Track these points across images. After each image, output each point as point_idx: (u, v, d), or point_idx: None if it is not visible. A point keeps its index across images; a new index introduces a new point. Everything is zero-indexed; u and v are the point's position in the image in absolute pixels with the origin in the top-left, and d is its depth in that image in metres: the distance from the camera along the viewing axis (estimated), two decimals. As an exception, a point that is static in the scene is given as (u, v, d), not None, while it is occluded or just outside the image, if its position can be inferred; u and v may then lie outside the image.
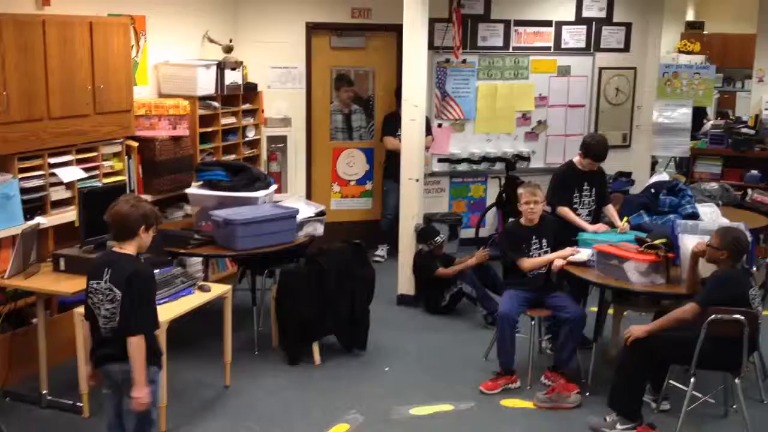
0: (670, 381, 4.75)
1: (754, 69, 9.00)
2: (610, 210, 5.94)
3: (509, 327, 5.10)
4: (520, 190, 5.43)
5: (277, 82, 7.74)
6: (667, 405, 4.83)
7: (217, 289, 4.95)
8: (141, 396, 3.47)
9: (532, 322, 5.33)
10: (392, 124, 7.65)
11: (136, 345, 3.44)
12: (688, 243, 4.77)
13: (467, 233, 8.31)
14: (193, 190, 6.00)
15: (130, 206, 3.54)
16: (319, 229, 6.00)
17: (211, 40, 7.01)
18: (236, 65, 6.90)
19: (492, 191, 8.48)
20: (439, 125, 8.21)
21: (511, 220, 5.65)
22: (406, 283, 6.77)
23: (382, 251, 7.99)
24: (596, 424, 4.65)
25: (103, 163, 5.60)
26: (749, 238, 4.62)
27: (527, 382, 5.21)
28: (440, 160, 8.29)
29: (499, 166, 8.35)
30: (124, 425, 3.62)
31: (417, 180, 6.69)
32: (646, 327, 4.50)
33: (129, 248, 3.57)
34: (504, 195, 8.12)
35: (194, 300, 4.72)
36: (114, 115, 5.60)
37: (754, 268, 5.51)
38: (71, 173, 5.28)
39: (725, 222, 5.50)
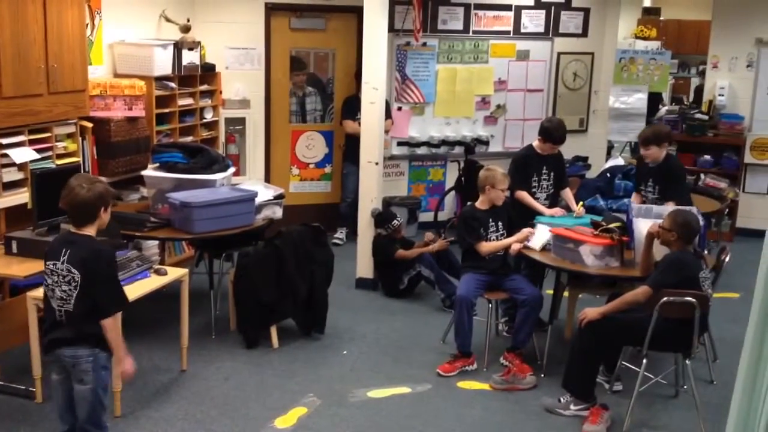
0: (623, 362, 4.85)
1: (709, 55, 9.14)
2: (568, 194, 6.01)
3: (467, 310, 5.15)
4: (494, 176, 5.33)
5: (235, 63, 7.66)
6: (619, 386, 4.93)
7: (174, 273, 4.91)
8: (128, 367, 3.55)
9: (490, 305, 5.38)
10: (352, 107, 7.63)
11: (112, 326, 3.44)
12: (642, 227, 4.85)
13: (426, 217, 8.35)
14: (150, 172, 5.91)
15: (86, 191, 3.44)
16: (277, 212, 5.98)
17: (168, 20, 6.90)
18: (194, 45, 6.81)
19: (451, 175, 8.52)
20: (399, 108, 8.21)
21: (468, 204, 5.67)
22: (364, 266, 6.79)
23: (341, 234, 7.99)
24: (551, 405, 4.73)
25: (57, 144, 5.49)
26: (701, 222, 4.71)
27: (484, 364, 5.26)
28: (399, 144, 8.29)
29: (458, 149, 8.39)
30: (76, 412, 3.56)
31: (376, 163, 6.69)
32: (600, 309, 4.58)
33: (89, 230, 3.50)
34: (463, 179, 8.16)
35: (150, 284, 4.67)
36: (68, 94, 5.49)
37: (706, 252, 5.63)
38: (24, 154, 5.17)
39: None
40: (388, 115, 7.56)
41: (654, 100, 9.92)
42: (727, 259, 5.23)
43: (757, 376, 3.26)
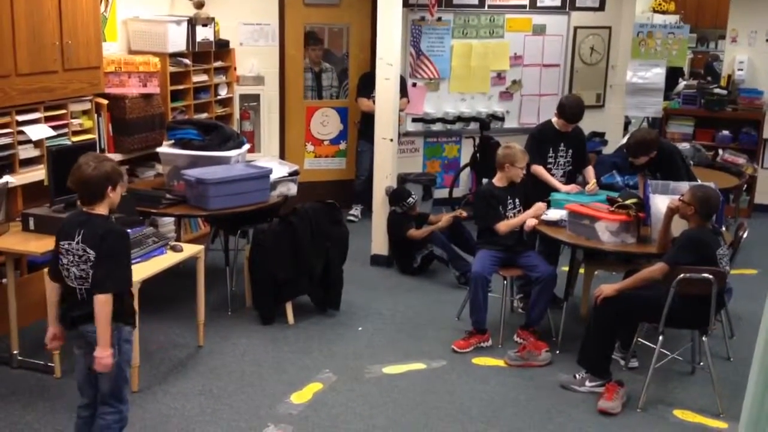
0: (639, 339, 4.84)
1: (728, 29, 9.01)
2: (589, 171, 5.94)
3: (482, 286, 5.14)
4: (514, 153, 5.30)
5: (249, 39, 7.62)
6: (635, 362, 4.93)
7: (190, 250, 4.92)
8: (104, 356, 3.40)
9: (505, 282, 5.37)
10: (367, 84, 7.60)
11: (103, 303, 3.37)
12: (659, 203, 4.81)
13: (441, 193, 8.32)
14: (165, 149, 5.92)
15: (92, 169, 3.43)
16: (292, 189, 5.98)
17: (182, -4, 6.89)
18: (208, 21, 6.78)
19: (466, 151, 8.48)
20: (414, 84, 8.16)
21: (485, 181, 5.64)
22: (379, 243, 6.79)
23: (356, 211, 7.98)
24: (566, 381, 4.73)
25: (72, 120, 5.51)
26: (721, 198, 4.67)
27: (499, 340, 5.27)
28: (414, 120, 8.25)
29: (473, 126, 8.33)
30: (99, 386, 3.59)
31: (391, 140, 6.66)
32: (616, 286, 4.56)
33: (100, 209, 3.50)
34: (478, 155, 8.12)
35: (166, 260, 4.68)
36: (83, 71, 5.49)
37: (724, 228, 5.59)
38: (40, 131, 5.19)
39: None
40: (404, 93, 7.52)
41: (674, 74, 9.81)
42: (744, 235, 5.18)
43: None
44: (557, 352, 5.14)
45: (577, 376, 4.70)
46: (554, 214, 5.27)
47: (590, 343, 4.65)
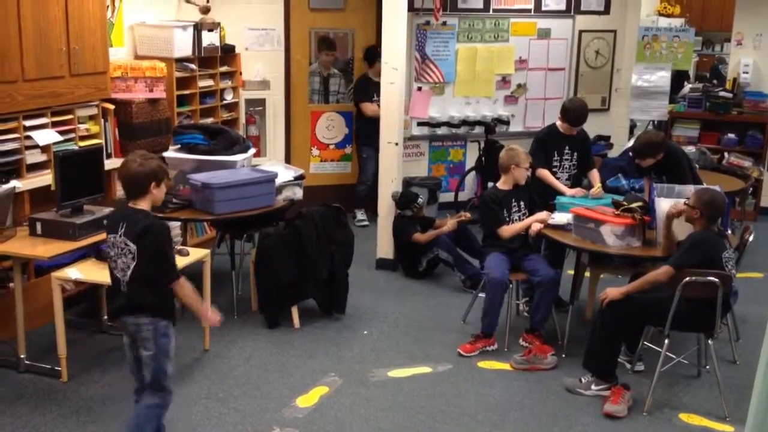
0: (645, 342, 4.83)
1: (733, 32, 9.01)
2: (594, 175, 5.95)
3: (501, 292, 5.13)
4: (518, 155, 5.32)
5: (255, 44, 7.65)
6: (641, 366, 4.92)
7: (196, 254, 4.95)
8: (210, 318, 3.86)
9: (510, 285, 5.37)
10: (366, 89, 7.62)
11: (179, 293, 3.64)
12: (664, 206, 4.81)
13: (447, 197, 8.33)
14: (171, 153, 5.94)
15: (137, 165, 3.60)
16: (298, 193, 5.99)
17: (188, 1, 6.91)
18: (213, 26, 6.81)
19: (471, 155, 8.49)
20: (419, 88, 8.18)
21: (490, 185, 5.65)
22: (385, 246, 6.79)
23: (362, 216, 7.98)
24: (571, 385, 4.73)
25: (79, 125, 5.54)
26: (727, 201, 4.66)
27: (504, 344, 5.27)
28: (420, 124, 8.26)
29: (478, 129, 8.34)
30: (143, 375, 3.73)
31: (396, 144, 6.67)
32: (622, 289, 4.56)
33: (143, 204, 3.64)
34: (483, 159, 8.12)
35: (172, 264, 4.70)
36: (89, 77, 5.52)
37: (729, 231, 5.59)
38: (47, 136, 5.22)
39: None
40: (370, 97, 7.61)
41: (679, 77, 9.80)
42: (750, 238, 5.18)
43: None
44: (563, 355, 5.14)
45: (583, 379, 4.70)
46: (561, 217, 5.27)
47: (596, 346, 4.65)
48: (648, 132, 6.21)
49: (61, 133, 5.32)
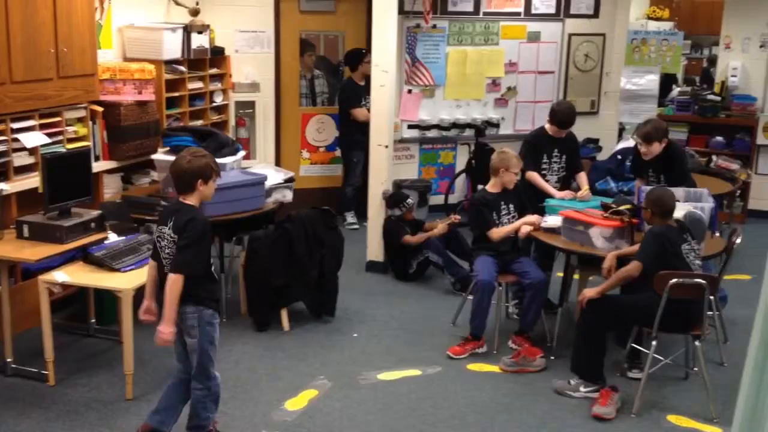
0: (632, 345, 4.83)
1: (722, 36, 9.05)
2: (582, 177, 5.96)
3: (489, 294, 5.14)
4: (509, 158, 5.33)
5: (245, 47, 7.65)
6: (638, 373, 4.83)
7: (185, 256, 4.92)
8: (165, 332, 3.70)
9: (500, 288, 5.38)
10: (354, 94, 7.62)
11: (172, 282, 3.67)
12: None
13: (437, 200, 8.34)
14: (160, 156, 5.93)
15: (186, 162, 3.74)
16: (288, 196, 5.99)
17: (177, 3, 6.89)
18: (203, 29, 6.79)
19: (461, 158, 8.50)
20: (409, 91, 8.19)
21: (479, 188, 5.66)
22: (375, 249, 6.79)
23: (352, 218, 7.97)
24: (560, 387, 4.74)
25: (67, 128, 5.51)
26: (711, 203, 4.68)
27: (494, 346, 5.27)
28: (410, 127, 8.27)
29: (468, 132, 8.36)
30: (190, 364, 3.87)
31: (386, 146, 6.68)
32: (597, 288, 4.59)
33: (191, 199, 3.78)
34: (473, 161, 8.13)
35: (161, 267, 4.69)
36: (78, 79, 5.50)
37: (717, 233, 5.61)
38: (34, 138, 5.18)
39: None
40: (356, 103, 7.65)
41: (668, 81, 9.85)
42: (738, 240, 5.19)
43: (767, 357, 3.26)
44: (552, 357, 5.15)
45: (572, 381, 4.70)
46: (553, 220, 5.28)
47: (581, 348, 4.66)
48: (651, 119, 6.22)
49: (48, 135, 5.29)
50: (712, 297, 4.55)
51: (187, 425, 3.94)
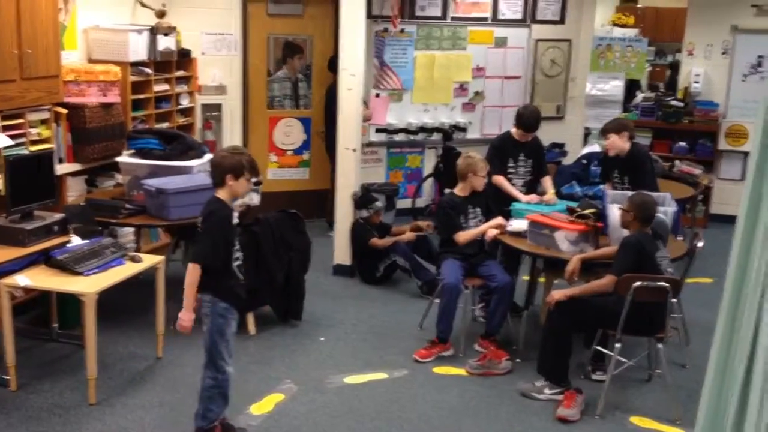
0: (596, 347, 4.88)
1: (685, 43, 9.20)
2: (547, 181, 6.02)
3: (455, 298, 5.16)
4: (475, 163, 5.37)
5: (212, 49, 7.59)
6: (602, 375, 4.89)
7: (150, 260, 4.89)
8: (184, 319, 3.90)
9: (466, 291, 5.40)
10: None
11: (189, 271, 3.85)
12: (617, 213, 4.89)
13: (404, 203, 8.35)
14: (125, 158, 5.87)
15: (221, 156, 3.94)
16: (255, 199, 5.94)
17: (143, 5, 6.83)
18: (169, 31, 6.74)
19: (429, 162, 8.54)
20: (377, 95, 8.20)
21: (447, 192, 5.69)
22: (342, 253, 6.79)
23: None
24: (526, 389, 4.77)
25: (30, 130, 5.42)
26: (674, 207, 4.75)
27: (460, 349, 5.29)
28: (378, 130, 8.28)
29: (436, 136, 8.40)
30: None
31: (354, 150, 6.68)
32: (566, 291, 4.64)
33: (222, 193, 3.90)
34: (441, 165, 8.17)
35: (125, 271, 4.65)
36: (41, 80, 5.42)
37: (680, 237, 5.69)
38: (-4, 140, 5.11)
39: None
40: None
41: (632, 87, 9.97)
42: (700, 244, 5.27)
43: (728, 359, 3.30)
44: (518, 360, 5.18)
45: (537, 383, 4.74)
46: (519, 224, 5.32)
47: (547, 351, 4.70)
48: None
49: (11, 137, 5.19)
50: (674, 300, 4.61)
51: (195, 412, 4.05)
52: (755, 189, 3.19)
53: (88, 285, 4.38)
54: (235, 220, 4.03)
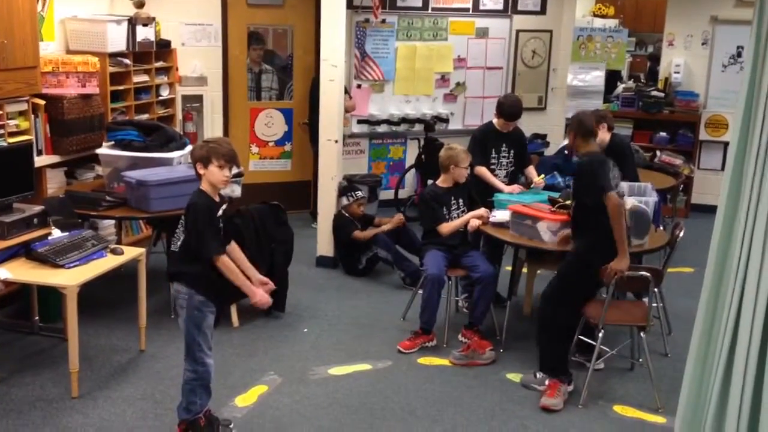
0: (579, 336, 4.90)
1: (665, 33, 9.24)
2: (531, 171, 6.03)
3: (438, 288, 5.17)
4: (457, 154, 5.36)
5: (191, 40, 7.53)
6: (601, 364, 4.94)
7: (131, 252, 4.86)
8: (256, 297, 4.01)
9: (449, 282, 5.41)
10: None
11: (222, 268, 3.84)
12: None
13: (387, 195, 8.35)
14: (105, 150, 5.82)
15: (199, 146, 3.93)
16: (236, 191, 5.92)
17: (122, -5, 6.77)
18: (148, 21, 6.68)
19: (411, 153, 8.53)
20: (359, 86, 8.17)
21: (429, 183, 5.68)
22: (325, 244, 6.78)
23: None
24: (527, 381, 4.79)
25: (8, 121, 5.36)
26: (655, 197, 4.75)
27: (444, 340, 5.30)
28: (359, 122, 8.26)
29: (418, 127, 8.39)
30: None
31: (336, 141, 6.66)
32: (625, 260, 4.41)
33: (202, 184, 3.90)
34: (423, 156, 8.16)
35: (106, 263, 4.62)
36: (19, 71, 5.34)
37: (661, 227, 5.73)
38: (-27, 132, 5.05)
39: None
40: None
41: (613, 77, 10.01)
42: (681, 234, 5.31)
43: (708, 348, 3.34)
44: (501, 350, 5.20)
45: (538, 375, 4.74)
46: (502, 215, 5.33)
47: (545, 347, 4.71)
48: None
49: (-11, 129, 5.16)
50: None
51: (178, 405, 4.03)
52: (735, 179, 3.22)
53: (70, 278, 4.34)
54: (219, 212, 3.97)
